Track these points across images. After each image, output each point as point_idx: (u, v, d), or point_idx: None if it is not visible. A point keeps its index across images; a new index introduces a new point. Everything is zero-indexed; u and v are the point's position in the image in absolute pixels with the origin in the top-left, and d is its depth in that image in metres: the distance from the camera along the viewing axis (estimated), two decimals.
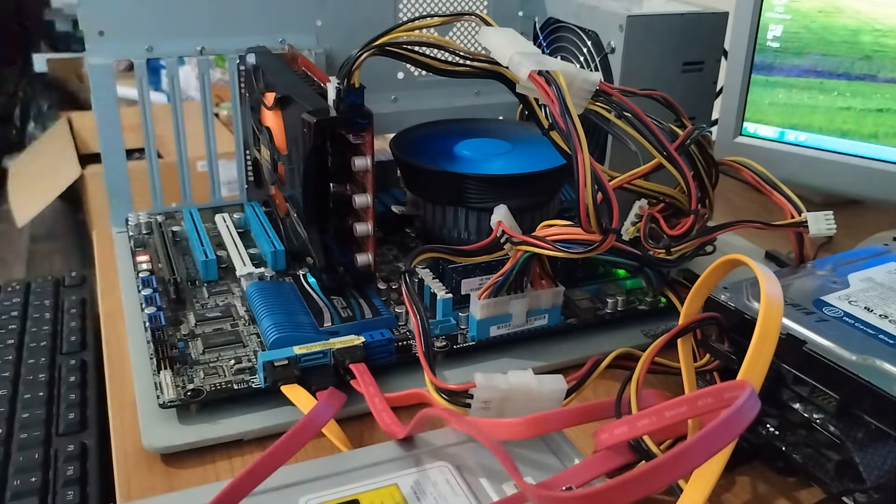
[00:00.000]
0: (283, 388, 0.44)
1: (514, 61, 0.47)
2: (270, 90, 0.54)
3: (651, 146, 0.48)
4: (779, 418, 0.41)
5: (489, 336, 0.50)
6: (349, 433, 0.43)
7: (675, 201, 0.52)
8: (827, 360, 0.38)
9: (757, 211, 0.76)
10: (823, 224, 0.49)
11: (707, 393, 0.32)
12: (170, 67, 0.64)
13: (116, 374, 0.49)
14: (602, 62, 0.59)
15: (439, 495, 0.36)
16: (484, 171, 0.57)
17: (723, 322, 0.43)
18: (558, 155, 0.51)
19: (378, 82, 0.67)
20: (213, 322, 0.51)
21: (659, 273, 0.53)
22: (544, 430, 0.38)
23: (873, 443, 0.37)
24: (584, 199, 0.43)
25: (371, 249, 0.52)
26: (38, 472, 0.51)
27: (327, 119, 0.48)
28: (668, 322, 0.49)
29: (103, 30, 0.60)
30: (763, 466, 0.43)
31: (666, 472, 0.28)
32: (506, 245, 0.48)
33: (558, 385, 0.42)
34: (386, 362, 0.47)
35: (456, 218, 0.58)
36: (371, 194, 0.50)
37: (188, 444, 0.42)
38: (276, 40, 0.64)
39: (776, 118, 0.62)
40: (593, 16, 0.60)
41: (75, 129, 1.67)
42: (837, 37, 0.58)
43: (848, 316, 0.42)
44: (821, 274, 0.47)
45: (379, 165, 0.55)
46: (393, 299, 0.54)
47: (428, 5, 0.70)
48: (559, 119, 0.44)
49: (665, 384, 0.48)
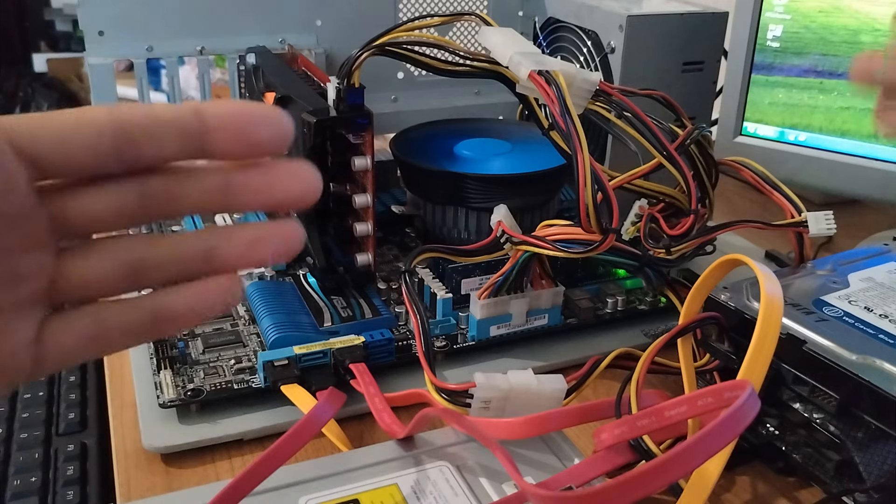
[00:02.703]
0: (283, 387, 0.44)
1: (514, 61, 0.47)
2: (270, 90, 0.54)
3: (651, 146, 0.48)
4: (779, 418, 0.41)
5: (489, 336, 0.50)
6: (349, 433, 0.43)
7: (675, 201, 0.52)
8: (827, 360, 0.38)
9: (757, 211, 0.76)
10: (823, 224, 0.49)
11: (707, 393, 0.32)
12: (170, 67, 0.64)
13: (116, 373, 0.49)
14: (602, 62, 0.59)
15: (439, 495, 0.36)
16: (484, 171, 0.57)
17: (723, 322, 0.43)
18: (558, 155, 0.51)
19: (378, 82, 0.67)
20: (213, 322, 0.51)
21: (659, 273, 0.53)
22: (544, 430, 0.38)
23: (873, 443, 0.37)
24: (584, 199, 0.43)
25: (371, 249, 0.52)
26: (38, 472, 0.51)
27: (327, 119, 0.48)
28: (668, 322, 0.49)
29: (103, 30, 0.60)
30: (763, 466, 0.43)
31: (666, 472, 0.28)
32: (506, 245, 0.48)
33: (558, 385, 0.42)
34: (386, 362, 0.47)
35: (456, 218, 0.58)
36: (371, 194, 0.50)
37: (188, 444, 0.42)
38: (276, 40, 0.64)
39: (776, 118, 0.62)
40: (593, 16, 0.60)
41: None
42: (837, 37, 0.58)
43: (848, 316, 0.42)
44: (821, 274, 0.47)
45: (379, 165, 0.55)
46: (393, 299, 0.54)
47: (428, 5, 0.70)
48: (559, 119, 0.44)
49: (665, 384, 0.48)
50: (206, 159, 0.24)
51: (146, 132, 0.23)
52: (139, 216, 0.24)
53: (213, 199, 0.25)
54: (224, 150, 0.24)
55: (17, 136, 0.22)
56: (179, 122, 0.23)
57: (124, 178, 0.24)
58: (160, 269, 0.25)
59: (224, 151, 0.24)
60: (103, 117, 0.23)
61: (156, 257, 0.25)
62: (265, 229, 0.25)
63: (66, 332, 0.24)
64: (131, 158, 0.23)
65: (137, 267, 0.25)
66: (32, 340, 0.24)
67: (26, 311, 0.23)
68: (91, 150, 0.22)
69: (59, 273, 0.24)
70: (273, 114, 0.24)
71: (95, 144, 0.22)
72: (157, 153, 0.23)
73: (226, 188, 0.24)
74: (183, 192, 0.24)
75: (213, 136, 0.23)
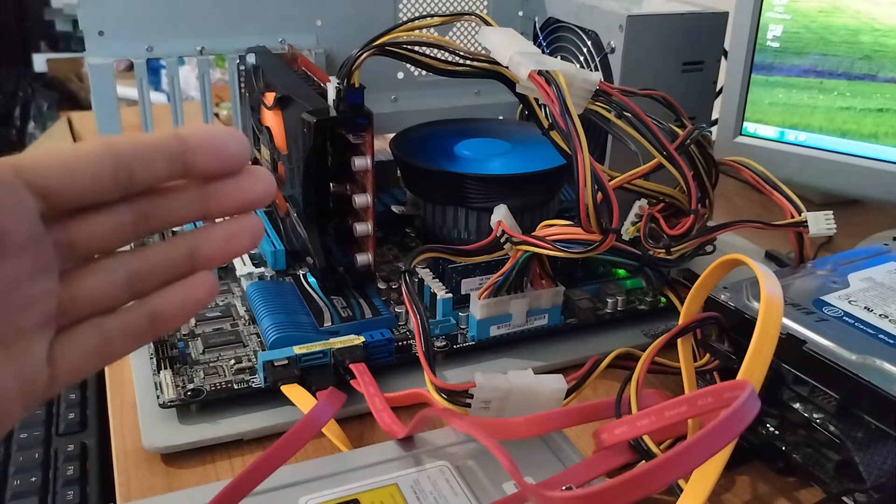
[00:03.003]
0: (283, 387, 0.44)
1: (514, 61, 0.47)
2: (270, 90, 0.54)
3: (651, 146, 0.48)
4: (779, 418, 0.41)
5: (489, 336, 0.50)
6: (349, 433, 0.43)
7: (675, 201, 0.52)
8: (827, 360, 0.38)
9: (757, 211, 0.76)
10: (823, 224, 0.49)
11: (707, 393, 0.32)
12: (170, 67, 0.64)
13: (116, 373, 0.49)
14: (602, 62, 0.59)
15: (439, 495, 0.36)
16: (484, 171, 0.57)
17: (723, 322, 0.43)
18: (558, 155, 0.51)
19: (378, 82, 0.67)
20: (213, 322, 0.51)
21: (659, 273, 0.53)
22: (544, 430, 0.38)
23: (873, 443, 0.37)
24: (584, 199, 0.43)
25: (371, 249, 0.52)
26: (38, 472, 0.51)
27: (327, 119, 0.48)
28: (668, 322, 0.49)
29: (103, 30, 0.60)
30: (763, 466, 0.43)
31: (666, 472, 0.28)
32: (506, 245, 0.48)
33: (558, 385, 0.42)
34: (386, 362, 0.47)
35: (456, 218, 0.58)
36: (371, 194, 0.50)
37: (188, 444, 0.42)
38: (276, 40, 0.64)
39: (776, 118, 0.62)
40: (593, 16, 0.60)
41: (75, 129, 1.67)
42: (837, 37, 0.58)
43: (848, 316, 0.42)
44: (821, 274, 0.47)
45: (379, 165, 0.55)
46: (393, 299, 0.54)
47: (428, 5, 0.70)
48: (559, 119, 0.44)
49: (665, 384, 0.48)
50: (186, 177, 0.27)
51: (139, 158, 0.26)
52: (132, 234, 0.27)
53: (194, 211, 0.28)
54: (203, 165, 0.27)
55: (26, 171, 0.24)
56: (165, 147, 0.26)
57: (118, 201, 0.26)
58: (154, 276, 0.28)
59: (203, 166, 0.27)
60: (101, 148, 0.25)
61: (149, 267, 0.27)
62: (236, 224, 0.28)
63: (74, 349, 0.26)
64: (127, 183, 0.26)
65: (134, 279, 0.27)
66: (46, 361, 0.25)
67: (38, 334, 0.25)
68: (92, 178, 0.25)
69: (65, 294, 0.26)
70: (236, 132, 0.28)
71: (96, 173, 0.25)
72: (149, 176, 0.26)
73: (204, 199, 0.28)
74: (169, 208, 0.27)
75: (194, 155, 0.26)
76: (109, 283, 0.27)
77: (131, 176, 0.25)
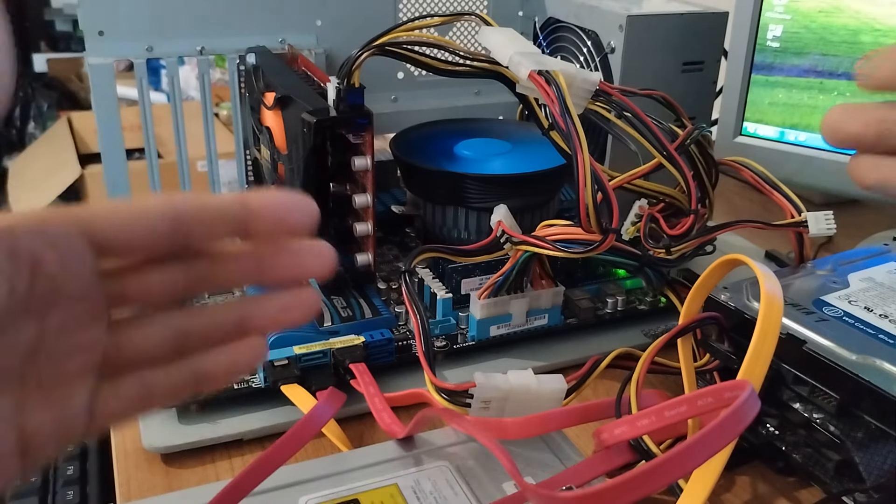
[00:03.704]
0: (283, 387, 0.44)
1: (514, 61, 0.47)
2: (270, 90, 0.54)
3: (651, 146, 0.48)
4: (779, 418, 0.41)
5: (489, 336, 0.50)
6: (349, 433, 0.43)
7: (675, 201, 0.52)
8: (827, 360, 0.38)
9: (757, 211, 0.76)
10: (823, 224, 0.49)
11: (707, 393, 0.32)
12: (170, 67, 0.64)
13: None
14: (602, 62, 0.59)
15: (439, 495, 0.36)
16: (484, 171, 0.57)
17: (723, 322, 0.43)
18: (558, 155, 0.51)
19: (378, 82, 0.67)
20: None
21: (659, 273, 0.53)
22: (544, 430, 0.38)
23: (873, 443, 0.37)
24: (584, 199, 0.43)
25: (371, 249, 0.52)
26: (38, 472, 0.51)
27: (327, 119, 0.48)
28: (668, 322, 0.49)
29: (103, 30, 0.60)
30: (763, 466, 0.43)
31: (666, 472, 0.28)
32: (506, 245, 0.48)
33: (558, 385, 0.42)
34: (386, 362, 0.47)
35: (456, 218, 0.58)
36: (371, 194, 0.50)
37: (188, 444, 0.42)
38: (276, 40, 0.64)
39: (776, 118, 0.62)
40: (593, 16, 0.60)
41: (75, 129, 1.67)
42: (837, 37, 0.58)
43: (848, 316, 0.42)
44: (821, 274, 0.47)
45: (379, 165, 0.55)
46: (393, 299, 0.54)
47: (428, 5, 0.70)
48: (559, 119, 0.44)
49: (665, 384, 0.48)
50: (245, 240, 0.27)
51: (198, 220, 0.26)
52: (185, 293, 0.27)
53: (248, 277, 0.28)
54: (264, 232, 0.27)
55: (86, 224, 0.24)
56: (228, 211, 0.26)
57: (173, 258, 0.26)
58: (201, 337, 0.28)
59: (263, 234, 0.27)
60: (162, 206, 0.25)
61: (198, 327, 0.27)
62: (291, 298, 0.28)
63: (114, 398, 0.26)
64: (183, 242, 0.26)
65: (182, 337, 0.27)
66: (86, 407, 0.25)
67: (81, 381, 0.25)
68: (150, 235, 0.25)
69: (112, 345, 0.26)
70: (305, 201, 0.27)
71: (154, 230, 0.25)
72: (206, 238, 0.27)
73: (259, 267, 0.27)
74: (224, 272, 0.27)
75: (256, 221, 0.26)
76: (157, 338, 0.27)
77: (189, 235, 0.26)
